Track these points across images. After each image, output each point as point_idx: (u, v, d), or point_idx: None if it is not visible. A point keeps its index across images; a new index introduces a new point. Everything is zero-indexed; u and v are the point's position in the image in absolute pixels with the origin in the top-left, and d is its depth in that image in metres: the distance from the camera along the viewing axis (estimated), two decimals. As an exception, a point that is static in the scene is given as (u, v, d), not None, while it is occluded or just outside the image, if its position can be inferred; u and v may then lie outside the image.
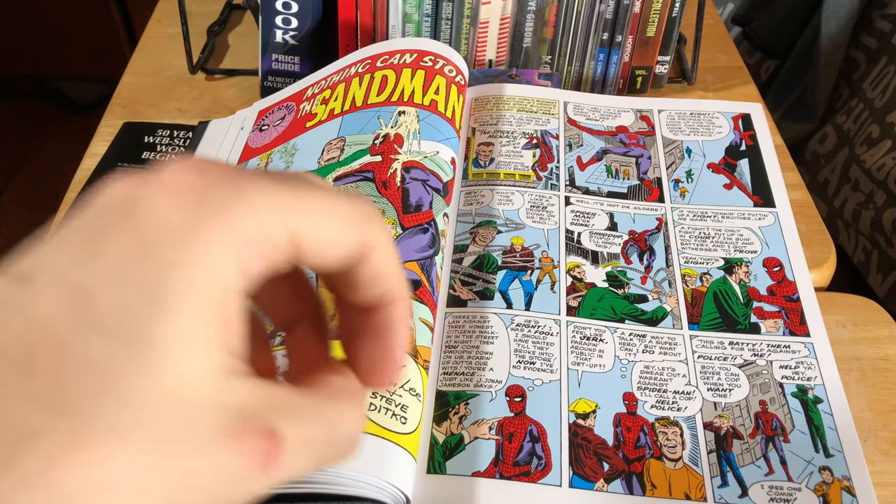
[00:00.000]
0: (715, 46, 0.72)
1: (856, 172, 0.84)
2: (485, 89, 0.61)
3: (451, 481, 0.39)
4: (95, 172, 0.59)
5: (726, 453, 0.40)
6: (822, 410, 0.42)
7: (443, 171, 0.49)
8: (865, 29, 0.90)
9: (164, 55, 0.71)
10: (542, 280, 0.48)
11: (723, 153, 0.57)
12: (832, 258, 0.52)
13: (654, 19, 0.61)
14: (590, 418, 0.42)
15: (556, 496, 0.39)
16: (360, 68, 0.55)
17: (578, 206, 0.53)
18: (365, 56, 0.56)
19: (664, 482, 0.39)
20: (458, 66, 0.56)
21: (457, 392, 0.43)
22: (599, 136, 0.58)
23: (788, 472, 0.39)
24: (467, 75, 0.57)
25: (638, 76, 0.64)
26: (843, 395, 0.43)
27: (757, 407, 0.42)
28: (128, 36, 1.58)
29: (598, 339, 0.45)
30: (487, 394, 0.42)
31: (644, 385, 0.43)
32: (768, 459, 0.40)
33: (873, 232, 0.80)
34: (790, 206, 0.53)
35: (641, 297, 0.48)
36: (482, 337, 0.45)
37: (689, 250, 0.51)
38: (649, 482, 0.39)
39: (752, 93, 0.67)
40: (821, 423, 0.41)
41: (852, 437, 0.41)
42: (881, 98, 0.83)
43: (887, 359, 0.46)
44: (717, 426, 0.41)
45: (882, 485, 0.40)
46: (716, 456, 0.40)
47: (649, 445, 0.40)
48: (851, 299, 0.49)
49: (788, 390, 0.43)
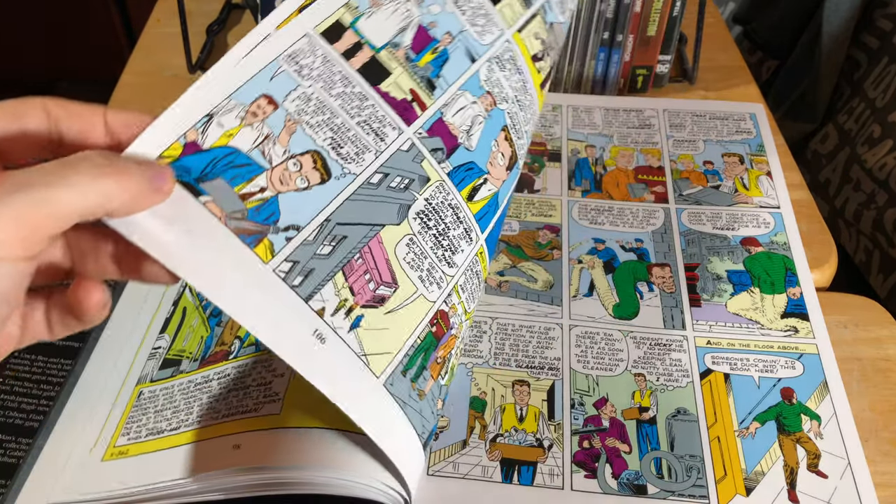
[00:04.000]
0: (716, 46, 0.71)
1: (857, 172, 0.84)
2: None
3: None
4: (95, 172, 0.58)
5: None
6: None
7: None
8: (866, 28, 0.90)
9: (164, 55, 0.70)
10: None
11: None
12: (833, 258, 0.52)
13: (655, 18, 0.61)
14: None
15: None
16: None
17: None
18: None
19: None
20: None
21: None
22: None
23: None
24: None
25: (639, 76, 0.64)
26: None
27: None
28: (127, 36, 1.57)
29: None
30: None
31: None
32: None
33: (874, 232, 0.80)
34: (791, 205, 0.53)
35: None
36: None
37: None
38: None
39: (753, 92, 0.67)
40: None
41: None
42: (882, 98, 0.83)
43: (888, 359, 0.46)
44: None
45: (883, 485, 0.39)
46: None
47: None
48: (852, 299, 0.49)
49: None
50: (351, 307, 0.32)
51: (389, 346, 0.33)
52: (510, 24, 0.42)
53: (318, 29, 0.34)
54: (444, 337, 0.36)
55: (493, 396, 0.43)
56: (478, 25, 0.40)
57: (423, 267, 0.35)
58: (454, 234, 0.37)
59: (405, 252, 0.35)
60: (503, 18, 0.42)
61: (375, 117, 0.35)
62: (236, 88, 0.31)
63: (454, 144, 0.38)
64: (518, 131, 0.41)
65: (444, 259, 0.36)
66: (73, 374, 0.44)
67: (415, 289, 0.35)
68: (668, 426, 0.41)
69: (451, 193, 0.37)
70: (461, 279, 0.38)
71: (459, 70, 0.39)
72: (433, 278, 0.36)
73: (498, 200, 0.40)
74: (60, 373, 0.45)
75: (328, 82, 0.34)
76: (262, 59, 0.32)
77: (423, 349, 0.35)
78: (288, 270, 0.30)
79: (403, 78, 0.36)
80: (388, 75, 0.36)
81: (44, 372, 0.45)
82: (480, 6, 0.41)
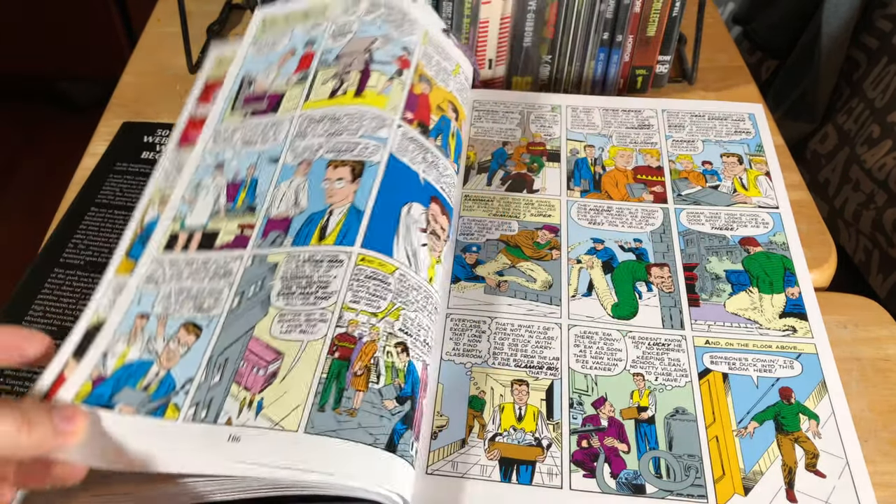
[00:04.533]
0: (715, 46, 0.72)
1: (856, 172, 0.84)
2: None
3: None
4: (95, 172, 0.59)
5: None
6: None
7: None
8: (866, 29, 0.90)
9: (164, 55, 0.70)
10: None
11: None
12: (833, 258, 0.52)
13: (655, 19, 0.61)
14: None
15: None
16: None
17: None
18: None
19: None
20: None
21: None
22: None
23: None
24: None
25: (638, 76, 0.64)
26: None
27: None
28: (127, 36, 1.57)
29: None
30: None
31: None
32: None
33: (874, 232, 0.80)
34: (790, 205, 0.53)
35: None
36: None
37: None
38: None
39: (752, 92, 0.67)
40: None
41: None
42: (882, 98, 0.83)
43: (888, 359, 0.46)
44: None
45: (882, 485, 0.39)
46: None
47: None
48: (852, 299, 0.49)
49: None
50: (251, 400, 0.36)
51: (295, 401, 0.36)
52: (296, 106, 0.49)
53: (159, 250, 0.44)
54: (354, 352, 0.38)
55: (492, 396, 0.43)
56: (269, 138, 0.48)
57: (299, 323, 0.39)
58: (318, 276, 0.40)
59: (279, 328, 0.39)
60: (287, 110, 0.49)
61: (219, 266, 0.43)
62: (118, 324, 0.41)
63: (287, 223, 0.43)
64: (344, 150, 0.46)
65: (317, 299, 0.40)
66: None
67: (298, 343, 0.38)
68: (666, 426, 0.42)
69: (301, 254, 0.42)
70: (347, 296, 0.40)
71: (269, 176, 0.46)
72: (312, 321, 0.39)
73: (357, 207, 0.43)
74: (60, 372, 0.45)
75: (178, 275, 0.43)
76: (127, 295, 0.42)
77: (332, 377, 0.37)
78: (194, 413, 0.36)
79: (230, 225, 0.44)
80: (218, 234, 0.44)
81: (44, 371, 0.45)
82: (268, 124, 0.49)
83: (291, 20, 0.55)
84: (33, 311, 0.49)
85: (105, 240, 0.53)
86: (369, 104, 0.48)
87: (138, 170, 0.59)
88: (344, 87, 0.49)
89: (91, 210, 0.55)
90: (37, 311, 0.49)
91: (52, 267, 0.51)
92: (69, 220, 0.55)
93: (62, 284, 0.50)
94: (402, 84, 0.50)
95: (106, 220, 0.55)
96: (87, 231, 0.54)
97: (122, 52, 1.55)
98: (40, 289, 0.50)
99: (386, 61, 0.51)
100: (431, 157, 0.48)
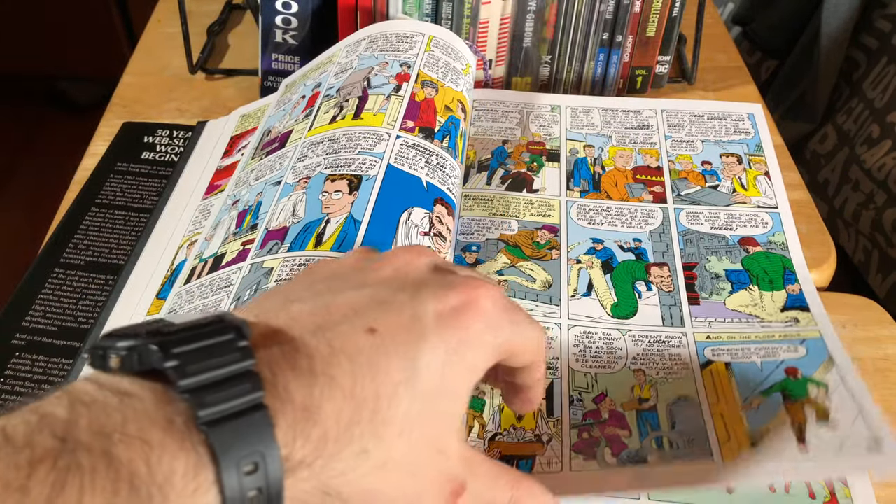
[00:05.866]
0: (715, 46, 0.72)
1: (856, 172, 0.84)
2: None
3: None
4: (95, 172, 0.59)
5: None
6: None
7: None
8: (866, 29, 0.90)
9: (164, 55, 0.71)
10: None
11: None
12: (832, 258, 0.52)
13: (654, 19, 0.61)
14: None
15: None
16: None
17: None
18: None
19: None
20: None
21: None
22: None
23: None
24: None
25: (638, 76, 0.64)
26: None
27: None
28: (128, 36, 1.58)
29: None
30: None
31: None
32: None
33: (873, 232, 0.80)
34: (790, 205, 0.53)
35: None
36: None
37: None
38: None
39: (752, 93, 0.67)
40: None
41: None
42: (881, 98, 0.83)
43: (887, 359, 0.46)
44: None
45: (882, 485, 0.39)
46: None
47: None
48: (851, 299, 0.49)
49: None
50: None
51: None
52: (300, 137, 0.51)
53: (181, 284, 0.46)
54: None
55: (492, 396, 0.43)
56: (276, 168, 0.50)
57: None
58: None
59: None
60: (293, 142, 0.51)
61: (221, 280, 0.44)
62: None
63: (284, 232, 0.44)
64: (342, 166, 0.46)
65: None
66: (73, 373, 0.44)
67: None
68: (668, 412, 0.41)
69: (297, 258, 0.42)
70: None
71: (272, 198, 0.47)
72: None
73: (355, 217, 0.43)
74: (61, 372, 0.45)
75: (190, 300, 0.44)
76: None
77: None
78: None
79: (235, 245, 0.46)
80: (224, 255, 0.46)
81: (45, 372, 0.45)
82: (276, 157, 0.51)
83: (305, 76, 0.58)
84: (33, 311, 0.49)
85: (105, 240, 0.53)
86: (366, 125, 0.49)
87: (138, 170, 0.59)
88: (343, 112, 0.50)
89: (91, 210, 0.56)
90: (37, 311, 0.49)
91: (53, 267, 0.51)
92: (69, 220, 0.55)
93: (62, 284, 0.50)
94: (401, 98, 0.51)
95: (106, 221, 0.55)
96: (88, 231, 0.54)
97: (122, 52, 1.55)
98: (40, 289, 0.50)
99: (383, 83, 0.52)
100: (436, 159, 0.48)
